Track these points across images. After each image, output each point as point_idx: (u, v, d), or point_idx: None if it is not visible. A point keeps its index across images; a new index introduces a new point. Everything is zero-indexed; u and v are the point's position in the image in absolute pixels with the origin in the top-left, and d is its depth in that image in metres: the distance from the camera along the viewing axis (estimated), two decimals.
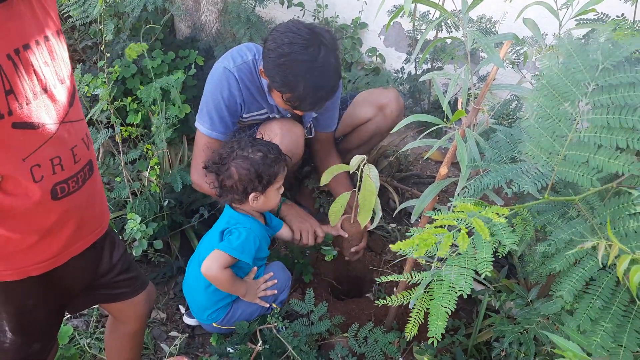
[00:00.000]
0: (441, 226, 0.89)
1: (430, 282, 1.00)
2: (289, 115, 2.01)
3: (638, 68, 0.86)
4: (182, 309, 1.99)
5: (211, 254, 1.63)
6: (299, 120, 2.07)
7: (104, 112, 1.91)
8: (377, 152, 2.62)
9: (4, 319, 1.15)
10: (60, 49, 1.02)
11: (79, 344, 1.79)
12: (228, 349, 1.68)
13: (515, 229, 1.26)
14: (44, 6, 0.99)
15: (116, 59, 2.53)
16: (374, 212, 1.73)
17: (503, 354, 1.65)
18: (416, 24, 2.67)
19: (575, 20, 1.83)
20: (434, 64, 2.82)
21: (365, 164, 1.66)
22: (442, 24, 2.41)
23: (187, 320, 1.93)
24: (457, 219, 0.90)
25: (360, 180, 1.68)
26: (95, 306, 1.89)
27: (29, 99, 0.95)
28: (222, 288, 1.68)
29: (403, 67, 2.87)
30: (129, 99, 2.04)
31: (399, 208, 1.62)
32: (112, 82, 1.85)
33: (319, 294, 1.99)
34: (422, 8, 2.77)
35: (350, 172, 1.71)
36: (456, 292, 0.92)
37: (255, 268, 1.78)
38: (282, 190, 1.76)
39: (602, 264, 0.87)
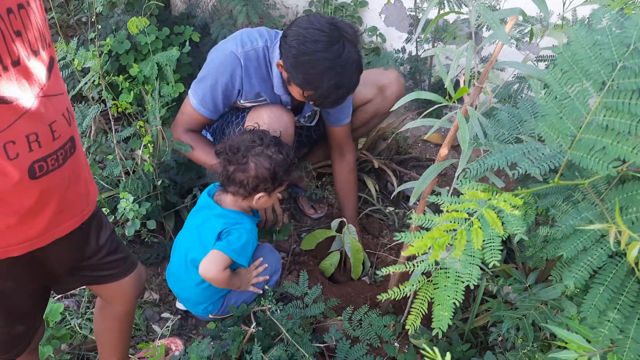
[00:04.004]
0: (452, 217, 0.85)
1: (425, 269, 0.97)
2: (289, 107, 1.97)
3: None
4: None
5: (210, 255, 1.59)
6: (298, 109, 2.03)
7: (97, 88, 1.85)
8: (376, 133, 2.57)
9: None
10: (37, 17, 0.96)
11: (70, 324, 1.76)
12: (222, 331, 1.65)
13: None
14: None
15: (110, 34, 2.47)
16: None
17: (500, 339, 1.63)
18: (418, 1, 2.60)
19: None
20: (435, 44, 2.75)
21: (347, 225, 1.99)
22: (445, 1, 2.34)
23: (180, 305, 1.90)
24: (468, 210, 0.85)
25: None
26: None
27: (0, 72, 0.89)
28: (220, 286, 1.65)
29: (404, 47, 2.81)
30: (121, 77, 1.99)
31: (396, 190, 1.58)
32: (104, 54, 1.78)
33: (314, 277, 1.97)
34: None
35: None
36: (463, 282, 0.88)
37: (261, 259, 1.79)
38: None
39: (611, 252, 0.83)
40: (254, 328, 1.55)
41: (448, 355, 0.81)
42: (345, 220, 2.07)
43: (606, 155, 0.83)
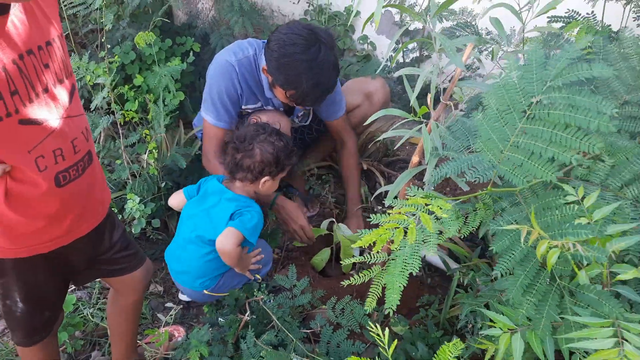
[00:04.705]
0: (396, 219, 1.04)
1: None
2: (282, 108, 2.15)
3: (583, 89, 0.97)
4: None
5: (226, 231, 1.74)
6: (290, 111, 2.20)
7: (105, 99, 2.04)
8: (366, 137, 2.75)
9: (16, 291, 1.29)
10: (61, 52, 1.14)
11: (83, 313, 1.95)
12: (219, 319, 1.84)
13: (478, 212, 1.40)
14: (46, 15, 1.11)
15: (116, 45, 2.65)
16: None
17: (470, 325, 1.81)
18: (403, 14, 2.77)
19: (547, 17, 1.94)
20: (422, 53, 2.92)
21: (336, 224, 2.18)
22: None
23: (182, 297, 2.08)
24: (408, 213, 1.04)
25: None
26: (98, 280, 2.04)
27: (32, 98, 1.06)
28: (230, 261, 1.79)
29: (391, 56, 2.97)
30: (127, 87, 2.17)
31: (377, 192, 1.76)
32: (114, 71, 1.97)
33: (305, 271, 2.15)
34: None
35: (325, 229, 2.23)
36: (407, 270, 1.06)
37: (260, 249, 1.96)
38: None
39: (530, 247, 1.01)
40: (248, 316, 1.73)
41: (387, 331, 1.00)
42: (334, 220, 2.25)
43: (522, 171, 1.01)
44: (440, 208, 1.03)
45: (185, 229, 1.89)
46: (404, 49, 2.91)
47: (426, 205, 1.05)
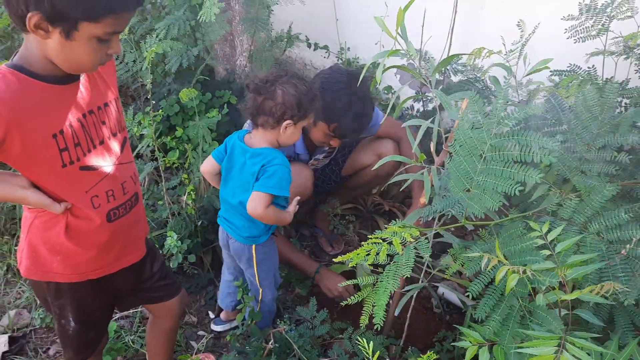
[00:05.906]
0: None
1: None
2: (307, 157, 2.38)
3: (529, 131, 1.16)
4: (211, 315, 2.34)
5: (252, 196, 1.74)
6: (309, 155, 2.41)
7: (149, 147, 2.30)
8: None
9: (69, 311, 1.50)
10: (116, 111, 1.38)
11: (125, 340, 2.15)
12: (246, 347, 2.00)
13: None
14: (105, 81, 1.36)
15: (162, 98, 2.96)
16: None
17: None
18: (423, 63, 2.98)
19: (550, 71, 2.10)
20: None
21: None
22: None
23: (214, 327, 2.26)
24: (384, 238, 1.22)
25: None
26: (139, 309, 2.25)
27: (91, 149, 1.29)
28: (270, 222, 1.82)
29: (412, 104, 3.18)
30: (169, 137, 2.43)
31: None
32: (157, 123, 2.23)
33: (328, 304, 2.30)
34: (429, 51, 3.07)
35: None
36: (389, 290, 1.23)
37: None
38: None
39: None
40: (272, 345, 1.89)
41: (371, 344, 1.15)
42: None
43: (481, 204, 1.17)
44: (411, 235, 1.21)
45: (228, 195, 1.89)
46: (424, 99, 3.10)
47: (400, 232, 1.22)
